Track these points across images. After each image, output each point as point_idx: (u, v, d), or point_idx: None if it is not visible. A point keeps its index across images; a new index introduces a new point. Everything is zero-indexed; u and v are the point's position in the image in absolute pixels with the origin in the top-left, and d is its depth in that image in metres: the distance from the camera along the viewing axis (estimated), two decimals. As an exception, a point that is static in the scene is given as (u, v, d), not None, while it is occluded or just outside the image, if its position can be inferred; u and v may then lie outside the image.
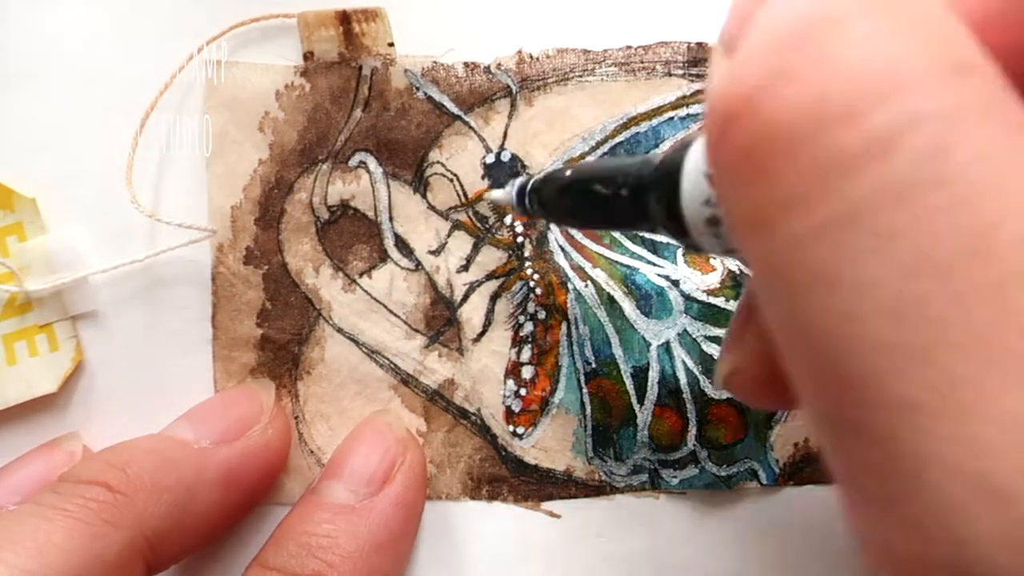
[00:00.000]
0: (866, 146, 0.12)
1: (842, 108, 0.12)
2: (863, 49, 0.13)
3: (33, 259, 0.31)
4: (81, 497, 0.25)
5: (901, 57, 0.12)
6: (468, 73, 0.32)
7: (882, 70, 0.12)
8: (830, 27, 0.13)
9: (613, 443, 0.31)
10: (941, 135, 0.12)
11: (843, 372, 0.12)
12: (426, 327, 0.32)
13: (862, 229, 0.12)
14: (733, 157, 0.14)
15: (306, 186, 0.31)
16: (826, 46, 0.13)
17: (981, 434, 0.11)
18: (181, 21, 0.31)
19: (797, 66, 0.13)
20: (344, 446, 0.30)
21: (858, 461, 0.13)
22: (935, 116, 0.12)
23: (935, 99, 0.12)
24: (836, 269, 0.12)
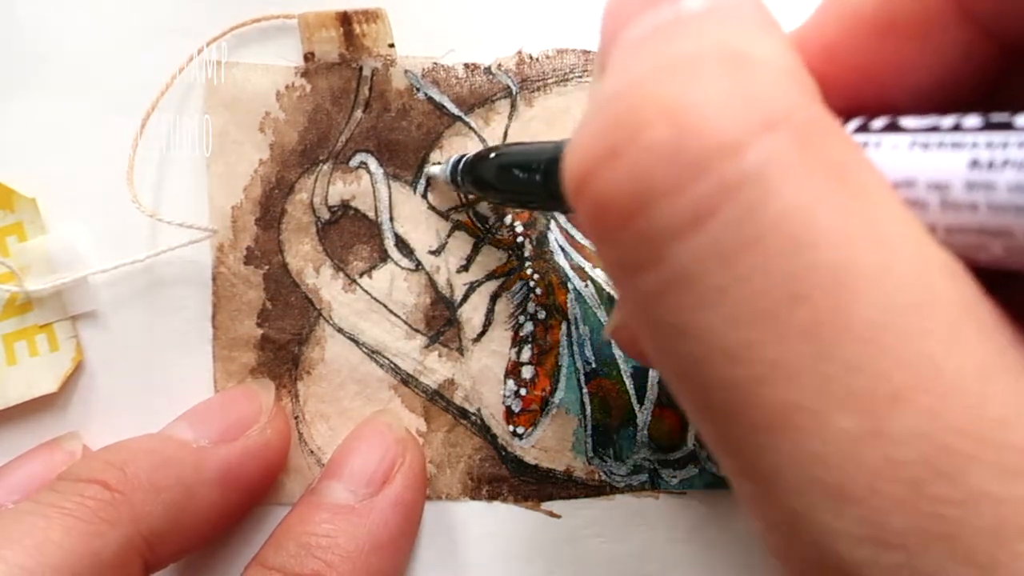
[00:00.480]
0: (686, 216, 0.13)
1: (660, 184, 0.14)
2: (676, 123, 0.14)
3: (33, 259, 0.31)
4: (79, 496, 0.25)
5: (709, 127, 0.14)
6: (468, 74, 0.32)
7: (692, 144, 0.13)
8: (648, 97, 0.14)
9: (613, 443, 0.31)
10: (751, 198, 0.13)
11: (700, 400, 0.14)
12: (426, 327, 0.32)
13: (694, 288, 0.14)
14: (585, 222, 0.15)
15: (307, 186, 0.32)
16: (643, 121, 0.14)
17: (818, 450, 0.13)
18: (181, 21, 0.32)
19: (620, 144, 0.14)
20: (344, 446, 0.30)
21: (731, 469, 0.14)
22: (744, 181, 0.13)
23: (743, 163, 0.13)
24: (679, 320, 0.14)
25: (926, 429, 0.12)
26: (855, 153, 0.14)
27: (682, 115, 0.14)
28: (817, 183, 0.13)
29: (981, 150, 0.14)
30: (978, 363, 0.13)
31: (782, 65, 0.15)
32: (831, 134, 0.14)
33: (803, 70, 0.15)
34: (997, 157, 0.13)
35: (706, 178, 0.13)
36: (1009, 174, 0.13)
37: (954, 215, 0.14)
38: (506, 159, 0.26)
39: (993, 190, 0.13)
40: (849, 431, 0.12)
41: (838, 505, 0.13)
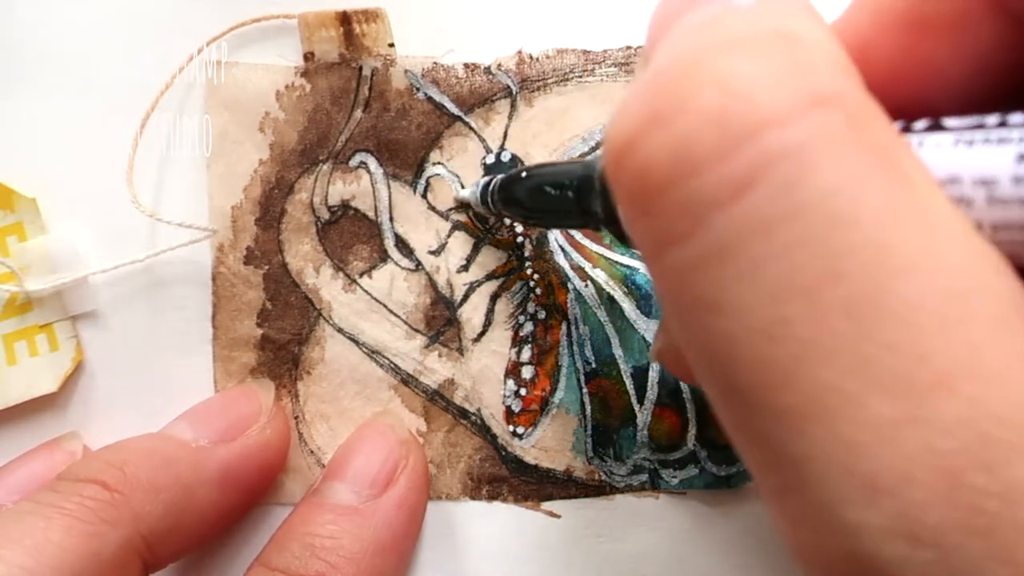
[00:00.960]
0: (728, 185, 0.13)
1: (705, 151, 0.13)
2: (724, 92, 0.14)
3: (33, 259, 0.31)
4: (79, 496, 0.25)
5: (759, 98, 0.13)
6: (468, 74, 0.32)
7: (740, 113, 0.13)
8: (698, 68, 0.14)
9: (613, 443, 0.31)
10: (794, 170, 0.13)
11: (730, 383, 0.14)
12: (426, 327, 0.32)
13: (732, 261, 0.13)
14: (623, 194, 0.15)
15: (307, 186, 0.32)
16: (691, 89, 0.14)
17: (851, 435, 0.12)
18: (181, 21, 0.32)
19: (667, 111, 0.14)
20: (347, 447, 0.30)
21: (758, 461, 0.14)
22: (789, 152, 0.13)
23: (790, 135, 0.13)
24: (714, 296, 0.14)
25: (967, 417, 0.12)
26: (901, 142, 0.14)
27: (733, 84, 0.14)
28: (864, 163, 0.13)
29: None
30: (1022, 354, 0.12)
31: (832, 50, 0.14)
32: (878, 120, 0.14)
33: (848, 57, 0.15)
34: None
35: (751, 147, 0.13)
36: None
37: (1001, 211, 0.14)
38: (537, 179, 0.26)
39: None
40: (887, 416, 0.12)
41: (872, 496, 0.12)
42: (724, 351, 0.14)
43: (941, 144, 0.15)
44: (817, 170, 0.13)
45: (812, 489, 0.13)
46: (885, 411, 0.12)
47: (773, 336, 0.13)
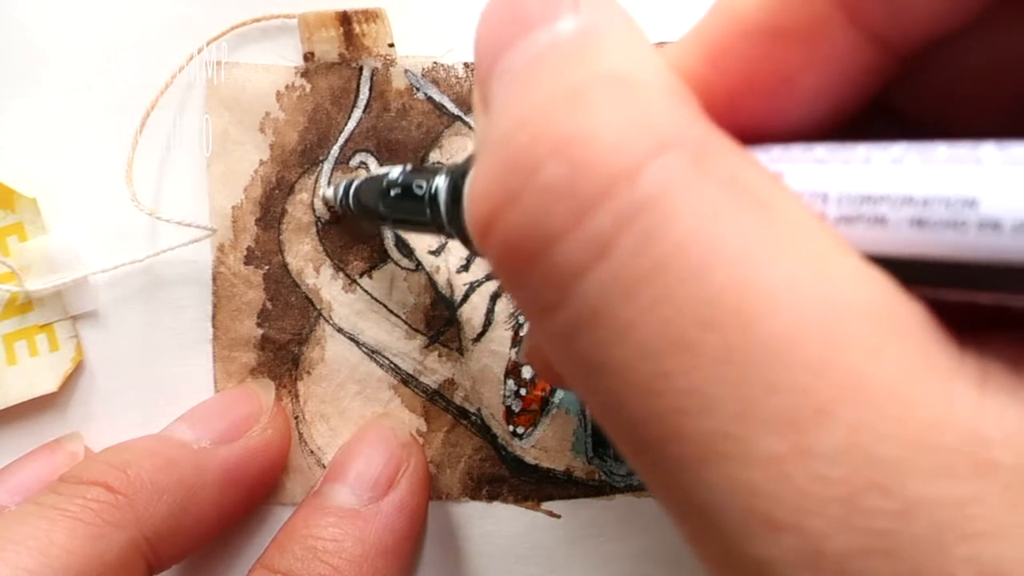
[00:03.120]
0: (586, 252, 0.13)
1: (558, 224, 0.13)
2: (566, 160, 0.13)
3: (33, 259, 0.31)
4: (82, 497, 0.25)
5: (601, 158, 0.13)
6: (468, 73, 0.32)
7: (584, 178, 0.13)
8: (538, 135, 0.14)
9: (613, 443, 0.31)
10: (647, 225, 0.13)
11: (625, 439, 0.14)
12: (426, 327, 0.32)
13: (602, 325, 0.13)
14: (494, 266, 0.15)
15: (307, 186, 0.32)
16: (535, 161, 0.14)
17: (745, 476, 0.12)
18: (181, 21, 0.31)
19: (515, 189, 0.14)
20: (348, 449, 0.30)
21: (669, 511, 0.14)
22: (639, 207, 0.13)
23: (637, 191, 0.13)
24: (593, 357, 0.14)
25: (854, 442, 0.12)
26: (750, 165, 0.14)
27: (574, 149, 0.13)
28: (713, 201, 0.13)
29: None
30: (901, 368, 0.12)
31: (665, 85, 0.14)
32: (722, 148, 0.14)
33: (684, 88, 0.15)
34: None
35: (602, 210, 0.13)
36: None
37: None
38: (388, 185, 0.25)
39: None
40: (775, 453, 0.12)
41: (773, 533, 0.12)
42: (613, 409, 0.14)
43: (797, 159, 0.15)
44: (669, 221, 0.13)
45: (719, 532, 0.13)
46: (773, 448, 0.12)
47: (654, 392, 0.13)
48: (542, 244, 0.14)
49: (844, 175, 0.14)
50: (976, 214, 0.12)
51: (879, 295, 0.13)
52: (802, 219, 0.13)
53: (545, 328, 0.14)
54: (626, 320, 0.13)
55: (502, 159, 0.14)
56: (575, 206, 0.13)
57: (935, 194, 0.13)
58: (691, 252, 0.13)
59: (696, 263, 0.13)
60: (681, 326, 0.13)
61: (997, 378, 0.13)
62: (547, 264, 0.14)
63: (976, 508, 0.11)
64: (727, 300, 0.13)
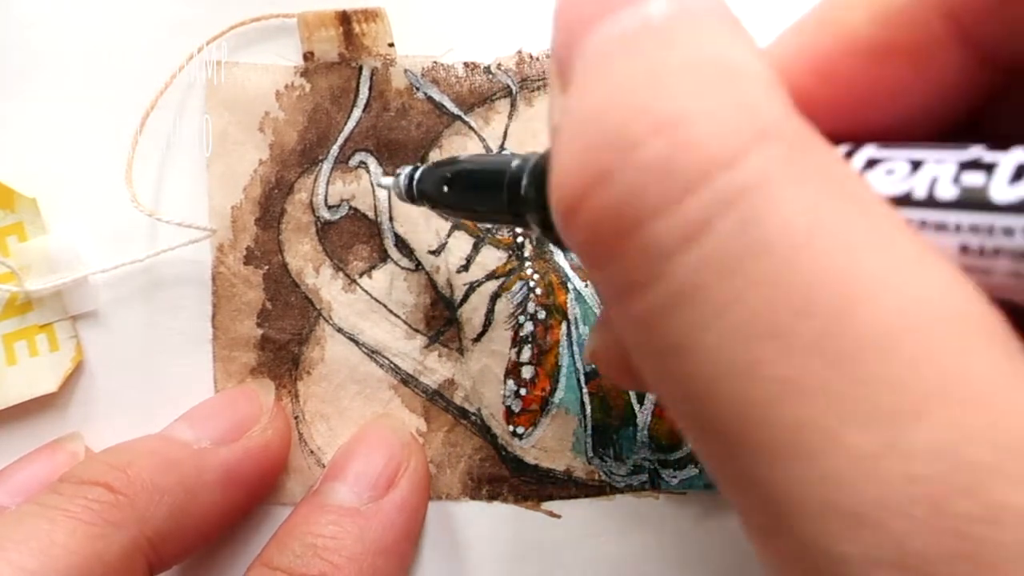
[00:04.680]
0: (681, 232, 0.13)
1: (654, 202, 0.13)
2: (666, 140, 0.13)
3: (33, 259, 0.31)
4: (83, 498, 0.25)
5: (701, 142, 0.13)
6: (468, 73, 0.32)
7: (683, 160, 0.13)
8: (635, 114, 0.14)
9: (613, 443, 0.31)
10: (745, 213, 0.13)
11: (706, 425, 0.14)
12: (426, 327, 0.32)
13: (696, 305, 0.13)
14: (579, 247, 0.15)
15: (306, 186, 0.32)
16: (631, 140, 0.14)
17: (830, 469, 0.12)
18: (181, 21, 0.31)
19: (607, 167, 0.14)
20: (348, 448, 0.30)
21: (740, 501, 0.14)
22: (737, 195, 0.13)
23: (737, 176, 0.13)
24: (682, 340, 0.14)
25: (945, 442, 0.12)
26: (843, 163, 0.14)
27: (674, 130, 0.13)
28: (814, 192, 0.13)
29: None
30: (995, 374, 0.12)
31: (763, 75, 0.14)
32: (820, 145, 0.14)
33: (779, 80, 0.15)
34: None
35: (702, 191, 0.13)
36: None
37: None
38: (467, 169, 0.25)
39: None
40: (864, 448, 0.12)
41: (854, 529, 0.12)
42: (697, 394, 0.14)
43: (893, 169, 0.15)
44: (770, 207, 0.13)
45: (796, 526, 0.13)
46: (862, 443, 0.12)
47: (744, 377, 0.13)
48: (637, 221, 0.14)
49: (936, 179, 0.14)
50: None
51: (970, 300, 0.13)
52: (895, 220, 0.13)
53: (630, 310, 0.14)
54: (722, 301, 0.13)
55: (594, 136, 0.14)
56: (675, 185, 0.13)
57: None
58: (790, 238, 0.13)
59: (795, 250, 0.13)
60: (778, 311, 0.13)
61: None
62: (641, 241, 0.14)
63: None
64: (825, 288, 0.13)
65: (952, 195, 0.14)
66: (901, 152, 0.15)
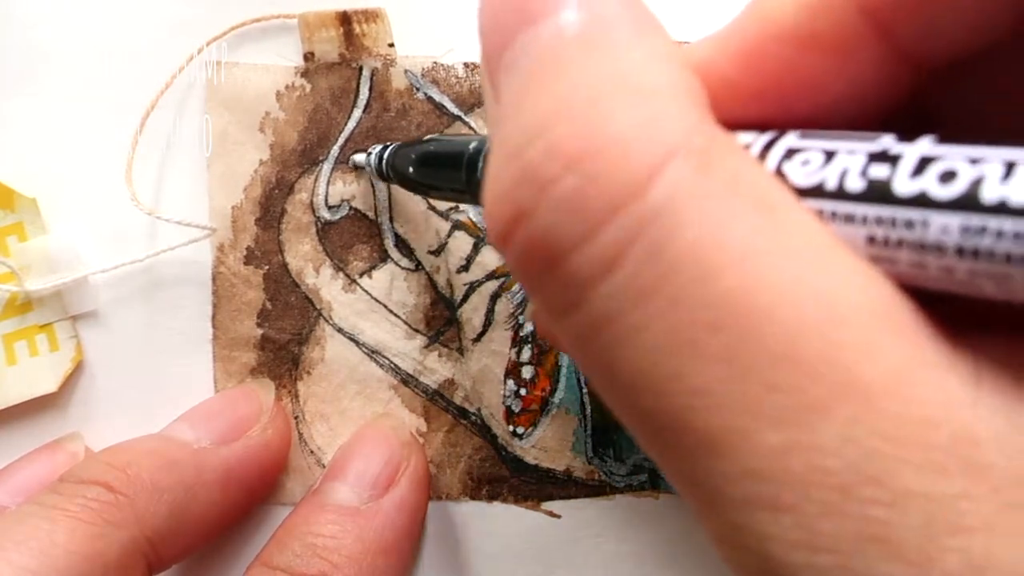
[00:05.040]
0: (600, 261, 0.14)
1: (570, 238, 0.14)
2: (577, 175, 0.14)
3: (33, 259, 0.31)
4: (82, 497, 0.25)
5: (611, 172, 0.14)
6: (468, 73, 0.32)
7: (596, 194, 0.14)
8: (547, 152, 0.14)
9: (613, 443, 0.31)
10: (657, 234, 0.14)
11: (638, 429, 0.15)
12: (426, 327, 0.32)
13: (614, 328, 0.14)
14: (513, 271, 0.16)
15: (307, 186, 0.32)
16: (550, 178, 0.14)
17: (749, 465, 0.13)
18: (181, 21, 0.31)
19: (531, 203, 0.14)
20: (348, 448, 0.30)
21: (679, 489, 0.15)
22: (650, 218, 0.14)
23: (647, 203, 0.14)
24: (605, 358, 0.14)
25: (849, 436, 0.13)
26: (752, 166, 0.14)
27: (583, 164, 0.14)
28: (718, 205, 0.14)
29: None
30: (897, 366, 0.13)
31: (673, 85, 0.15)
32: (727, 150, 0.14)
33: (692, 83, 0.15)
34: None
35: (613, 223, 0.14)
36: None
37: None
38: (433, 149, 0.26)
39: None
40: (777, 446, 0.13)
41: (774, 515, 0.13)
42: (626, 403, 0.15)
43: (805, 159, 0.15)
44: (678, 228, 0.13)
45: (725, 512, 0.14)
46: (773, 441, 0.13)
47: (663, 391, 0.14)
48: (557, 254, 0.14)
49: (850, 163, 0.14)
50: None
51: (876, 293, 0.13)
52: (803, 219, 0.14)
53: (563, 328, 0.15)
54: (635, 324, 0.14)
55: (516, 171, 0.15)
56: (588, 219, 0.14)
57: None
58: (698, 258, 0.13)
59: (703, 268, 0.13)
60: (689, 329, 0.13)
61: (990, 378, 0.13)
62: (562, 272, 0.14)
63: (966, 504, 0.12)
64: (733, 303, 0.13)
65: (859, 187, 0.14)
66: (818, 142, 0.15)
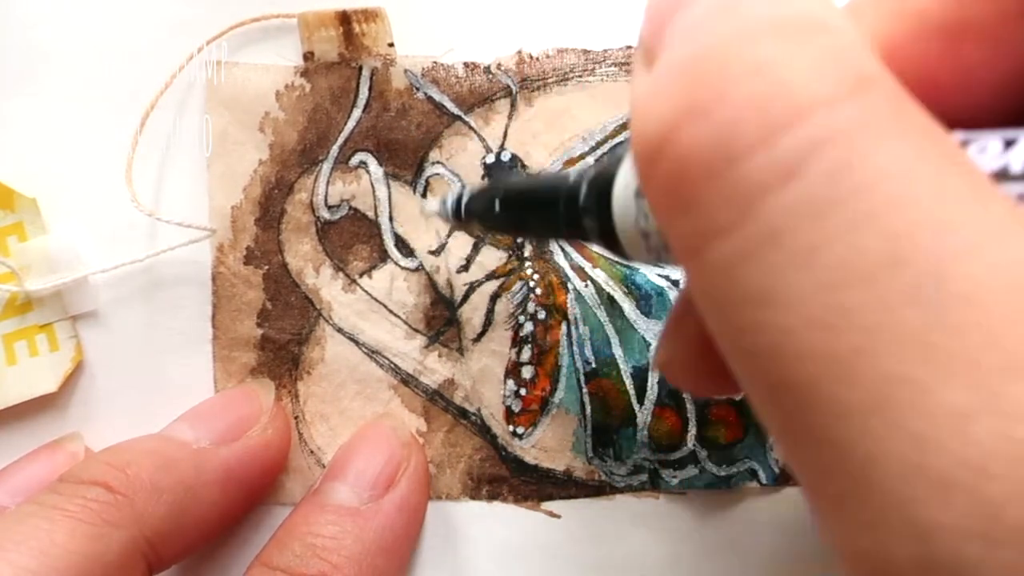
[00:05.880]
0: (777, 170, 0.13)
1: (748, 139, 0.13)
2: (765, 79, 0.13)
3: (33, 259, 0.31)
4: (82, 497, 0.25)
5: (801, 82, 0.13)
6: (468, 73, 0.32)
7: (783, 98, 0.13)
8: (733, 57, 0.14)
9: (613, 443, 0.31)
10: (843, 154, 0.13)
11: (784, 382, 0.13)
12: (426, 327, 0.32)
13: (783, 248, 0.13)
14: (660, 191, 0.15)
15: (306, 186, 0.32)
16: (730, 78, 0.13)
17: (920, 429, 0.11)
18: (181, 21, 0.31)
19: (704, 101, 0.13)
20: (348, 448, 0.30)
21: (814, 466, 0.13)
22: (836, 137, 0.13)
23: (835, 120, 0.13)
24: (764, 287, 0.13)
25: None
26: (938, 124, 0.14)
27: (773, 70, 0.13)
28: (912, 145, 0.13)
29: None
30: None
31: (856, 32, 0.14)
32: (916, 105, 0.14)
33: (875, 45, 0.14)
34: None
35: (798, 131, 0.13)
36: None
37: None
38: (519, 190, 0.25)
39: None
40: (960, 405, 0.11)
41: (945, 495, 0.11)
42: (776, 347, 0.13)
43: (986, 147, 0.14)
44: (866, 152, 0.12)
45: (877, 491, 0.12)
46: (958, 400, 0.11)
47: (832, 326, 0.12)
48: (728, 159, 0.13)
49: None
50: None
51: None
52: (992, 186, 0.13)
53: (711, 256, 0.14)
54: (811, 244, 0.13)
55: (690, 75, 0.14)
56: (770, 124, 0.13)
57: None
58: (888, 185, 0.12)
59: (893, 195, 0.12)
60: (871, 257, 0.12)
61: None
62: (730, 180, 0.13)
63: None
64: (923, 237, 0.12)
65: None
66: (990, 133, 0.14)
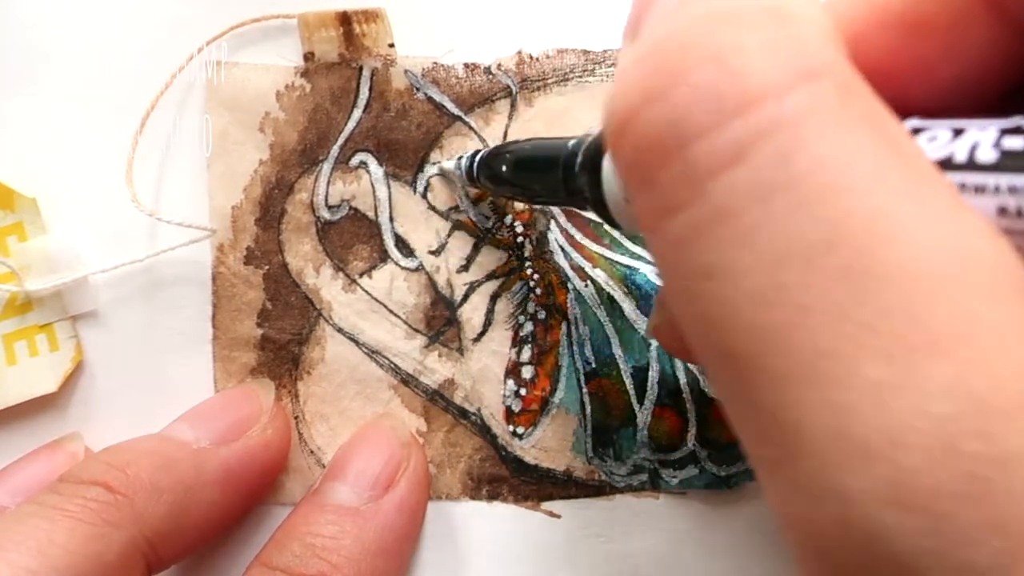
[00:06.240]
0: (724, 153, 0.14)
1: (700, 122, 0.14)
2: (720, 66, 0.14)
3: (33, 259, 0.31)
4: (82, 497, 0.25)
5: (753, 71, 0.14)
6: (468, 74, 0.32)
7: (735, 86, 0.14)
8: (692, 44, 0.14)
9: (613, 443, 0.31)
10: (787, 142, 0.13)
11: (728, 351, 0.14)
12: (426, 327, 0.32)
13: (730, 225, 0.14)
14: (625, 167, 0.16)
15: (307, 186, 0.32)
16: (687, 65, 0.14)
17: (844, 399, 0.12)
18: (181, 21, 0.31)
19: (663, 86, 0.14)
20: (348, 448, 0.30)
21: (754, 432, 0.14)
22: (782, 125, 0.13)
23: (783, 109, 0.14)
24: (712, 262, 0.14)
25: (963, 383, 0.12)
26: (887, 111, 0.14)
27: (726, 58, 0.14)
28: (854, 132, 0.13)
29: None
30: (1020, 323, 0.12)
31: (819, 21, 0.15)
32: (866, 92, 0.14)
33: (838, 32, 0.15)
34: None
35: (746, 117, 0.14)
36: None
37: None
38: (522, 154, 0.27)
39: None
40: (880, 379, 0.12)
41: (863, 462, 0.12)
42: (720, 317, 0.14)
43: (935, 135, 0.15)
44: (810, 140, 0.13)
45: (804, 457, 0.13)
46: (878, 374, 0.12)
47: (769, 301, 0.13)
48: (682, 140, 0.14)
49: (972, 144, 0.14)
50: None
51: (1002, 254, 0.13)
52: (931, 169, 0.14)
53: (667, 229, 0.15)
54: (754, 223, 0.13)
55: (652, 61, 0.15)
56: (720, 109, 0.14)
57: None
58: (828, 172, 0.13)
59: (831, 184, 0.13)
60: (807, 240, 0.13)
61: None
62: (682, 161, 0.14)
63: None
64: (856, 222, 0.13)
65: (992, 158, 0.14)
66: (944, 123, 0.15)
